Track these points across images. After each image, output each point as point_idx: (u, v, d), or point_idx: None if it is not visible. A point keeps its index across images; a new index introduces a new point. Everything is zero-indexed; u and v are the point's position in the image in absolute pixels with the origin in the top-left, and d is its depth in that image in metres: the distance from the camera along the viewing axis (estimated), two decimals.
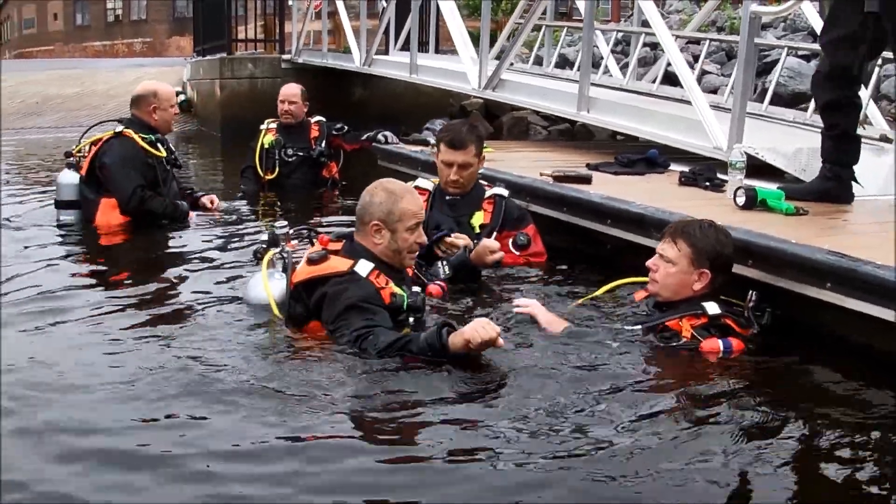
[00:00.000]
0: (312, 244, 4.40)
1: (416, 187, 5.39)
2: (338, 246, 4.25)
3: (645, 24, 9.03)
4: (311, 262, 4.13)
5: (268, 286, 4.26)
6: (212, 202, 7.34)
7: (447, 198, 5.42)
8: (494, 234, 5.35)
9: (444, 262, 4.95)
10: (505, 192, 5.53)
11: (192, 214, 6.92)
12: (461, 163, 5.35)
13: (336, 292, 4.00)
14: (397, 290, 4.10)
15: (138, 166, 6.54)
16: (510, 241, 5.38)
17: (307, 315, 4.15)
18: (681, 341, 3.97)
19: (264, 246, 4.45)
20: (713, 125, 6.39)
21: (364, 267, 4.07)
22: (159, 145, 6.67)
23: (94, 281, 5.28)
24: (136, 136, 6.52)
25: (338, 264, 4.09)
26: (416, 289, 4.25)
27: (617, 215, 5.23)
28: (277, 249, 4.38)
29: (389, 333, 3.84)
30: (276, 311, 4.21)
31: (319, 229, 4.84)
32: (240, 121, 12.26)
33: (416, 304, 4.10)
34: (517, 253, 5.36)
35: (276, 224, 4.54)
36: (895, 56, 5.21)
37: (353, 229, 4.31)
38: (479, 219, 5.40)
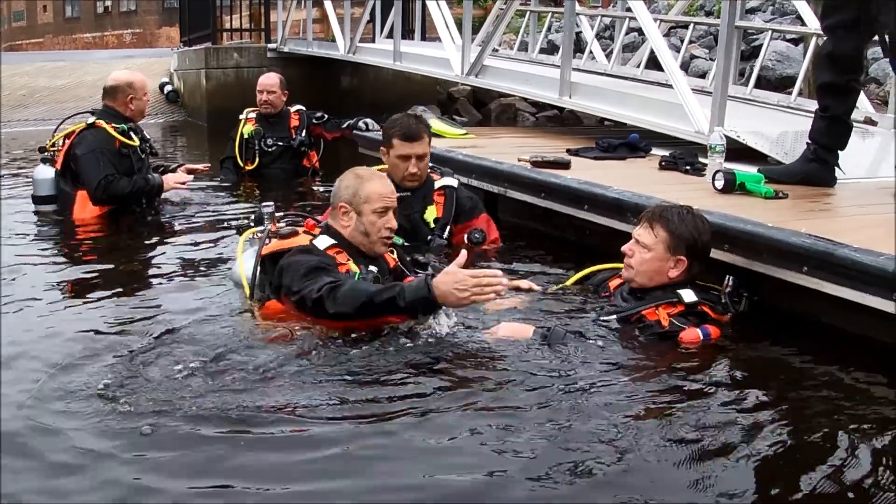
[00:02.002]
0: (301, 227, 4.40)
1: None
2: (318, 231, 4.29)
3: (630, 9, 8.94)
4: (280, 236, 4.19)
5: (241, 263, 4.31)
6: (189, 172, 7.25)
7: (397, 194, 5.29)
8: (448, 227, 5.30)
9: None
10: (455, 183, 5.42)
11: (170, 187, 6.83)
12: (419, 154, 5.24)
13: (294, 261, 3.99)
14: (353, 267, 4.08)
15: (110, 156, 6.48)
16: (465, 236, 5.31)
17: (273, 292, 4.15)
18: (659, 330, 3.89)
19: (251, 225, 4.45)
20: (695, 109, 6.31)
21: (323, 241, 4.12)
22: (132, 134, 6.59)
23: (70, 273, 5.26)
24: (107, 126, 6.45)
25: (302, 240, 4.16)
26: (372, 268, 4.14)
27: (593, 200, 5.16)
28: (259, 228, 4.35)
29: (366, 284, 3.87)
30: (246, 288, 4.23)
31: (316, 215, 4.77)
32: (226, 111, 12.10)
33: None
34: (473, 247, 5.27)
35: (264, 203, 4.50)
36: (880, 39, 5.13)
37: None
38: (431, 213, 5.30)
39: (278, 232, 4.21)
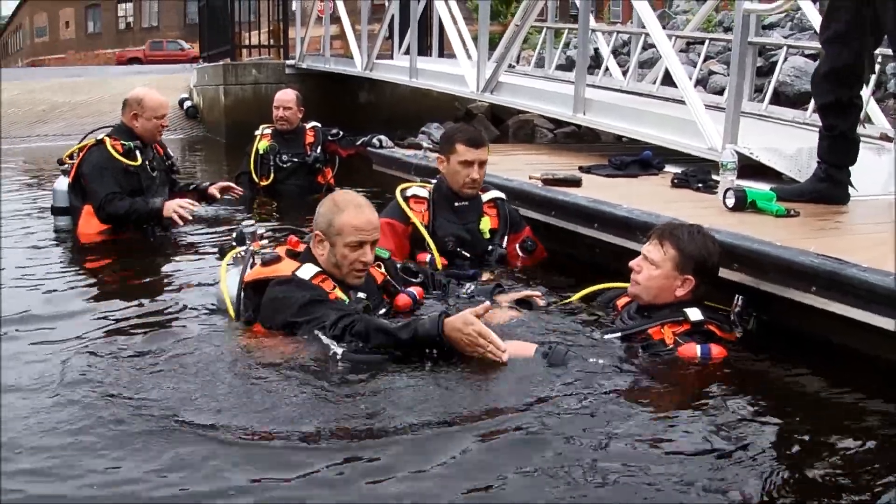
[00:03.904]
0: (278, 246, 4.37)
1: (414, 196, 5.30)
2: (302, 249, 4.24)
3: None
4: (264, 263, 4.11)
5: (224, 285, 4.27)
6: (221, 190, 7.33)
7: (456, 204, 5.33)
8: (506, 238, 5.37)
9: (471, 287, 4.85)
10: (503, 195, 5.52)
11: (172, 209, 6.57)
12: (482, 160, 5.32)
13: (284, 294, 3.96)
14: (341, 295, 4.03)
15: (113, 174, 6.49)
16: (517, 245, 5.42)
17: (254, 317, 4.13)
18: (663, 349, 3.86)
19: (233, 244, 4.43)
20: (708, 126, 6.28)
21: (307, 271, 4.05)
22: (138, 153, 6.58)
23: (68, 289, 5.28)
24: (110, 145, 6.48)
25: (285, 268, 4.06)
26: (360, 295, 4.11)
27: (603, 218, 5.13)
28: (242, 248, 4.32)
29: (377, 320, 3.81)
30: (230, 310, 4.21)
31: (303, 230, 4.76)
32: (244, 126, 12.14)
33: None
34: (525, 257, 5.41)
35: (245, 223, 4.51)
36: (894, 53, 5.08)
37: None
38: (486, 224, 5.36)
39: (261, 257, 4.14)
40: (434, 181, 5.51)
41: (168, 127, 7.29)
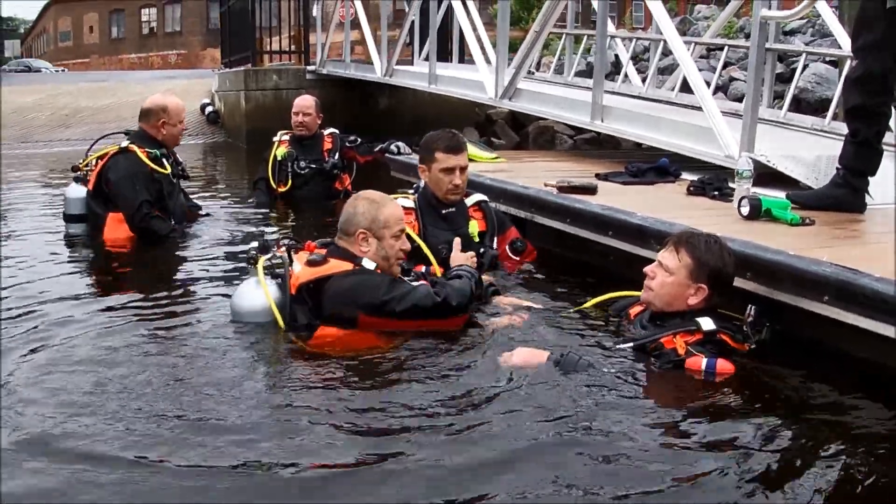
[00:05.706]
0: (297, 252, 4.38)
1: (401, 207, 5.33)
2: (323, 252, 4.28)
3: None
4: (314, 263, 4.17)
5: (268, 293, 4.23)
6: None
7: (443, 212, 5.34)
8: (495, 239, 5.40)
9: None
10: (486, 198, 5.56)
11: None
12: (462, 166, 5.33)
13: (364, 279, 4.15)
14: None
15: (143, 182, 6.52)
16: (507, 246, 5.45)
17: (311, 321, 4.15)
18: (675, 358, 3.82)
19: (257, 254, 4.40)
20: (724, 133, 6.27)
21: (370, 263, 4.22)
22: (164, 160, 6.64)
23: (97, 295, 5.29)
24: (139, 152, 6.51)
25: (342, 264, 4.19)
26: (415, 284, 4.31)
27: (617, 226, 5.12)
28: (268, 256, 4.33)
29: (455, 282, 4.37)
30: (279, 318, 4.18)
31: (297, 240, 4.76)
32: (265, 132, 12.13)
33: None
34: (516, 258, 5.44)
35: (267, 230, 4.52)
36: None
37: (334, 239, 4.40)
38: (475, 227, 5.37)
39: (309, 259, 4.19)
40: (411, 190, 5.53)
41: (185, 130, 7.34)
